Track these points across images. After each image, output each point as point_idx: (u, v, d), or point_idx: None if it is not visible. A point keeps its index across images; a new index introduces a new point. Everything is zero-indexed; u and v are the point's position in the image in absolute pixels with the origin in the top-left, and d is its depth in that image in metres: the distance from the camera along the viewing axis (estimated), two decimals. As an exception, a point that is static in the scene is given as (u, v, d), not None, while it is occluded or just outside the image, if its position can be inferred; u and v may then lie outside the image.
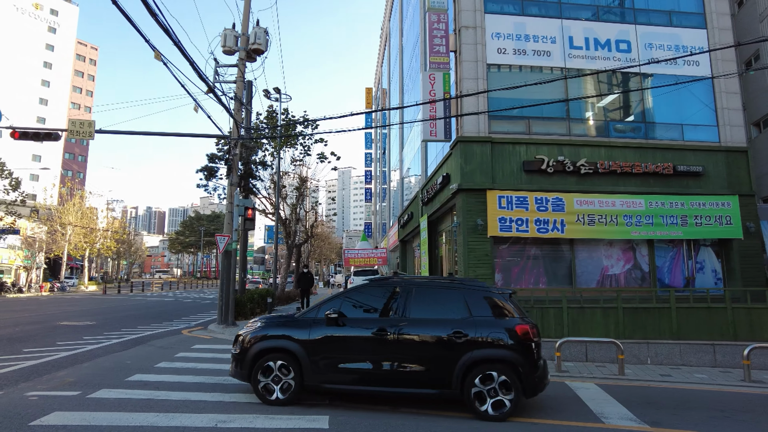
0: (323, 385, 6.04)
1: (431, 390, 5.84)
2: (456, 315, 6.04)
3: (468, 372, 5.75)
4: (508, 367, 5.74)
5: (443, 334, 5.88)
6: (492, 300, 6.15)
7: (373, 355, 5.97)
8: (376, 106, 45.26)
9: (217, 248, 15.37)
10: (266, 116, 24.58)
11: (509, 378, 5.69)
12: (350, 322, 6.17)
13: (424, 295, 6.29)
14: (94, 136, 12.95)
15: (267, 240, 38.41)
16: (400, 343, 5.94)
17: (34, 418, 5.22)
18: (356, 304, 6.39)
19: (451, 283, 6.51)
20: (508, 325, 5.91)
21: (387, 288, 6.49)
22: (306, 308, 17.33)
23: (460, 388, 5.73)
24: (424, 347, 5.91)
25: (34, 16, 62.63)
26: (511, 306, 6.15)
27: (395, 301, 6.25)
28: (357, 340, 6.08)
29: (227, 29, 14.99)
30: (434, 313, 6.12)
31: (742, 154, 14.47)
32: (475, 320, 5.95)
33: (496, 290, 6.41)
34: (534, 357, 5.83)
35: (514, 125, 14.24)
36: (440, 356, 5.85)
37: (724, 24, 15.28)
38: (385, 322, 6.08)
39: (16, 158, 50.10)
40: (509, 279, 13.60)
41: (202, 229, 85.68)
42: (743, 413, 6.62)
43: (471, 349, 5.79)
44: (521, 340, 5.81)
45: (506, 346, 5.80)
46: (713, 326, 11.31)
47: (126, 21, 7.74)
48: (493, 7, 14.66)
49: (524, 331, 5.85)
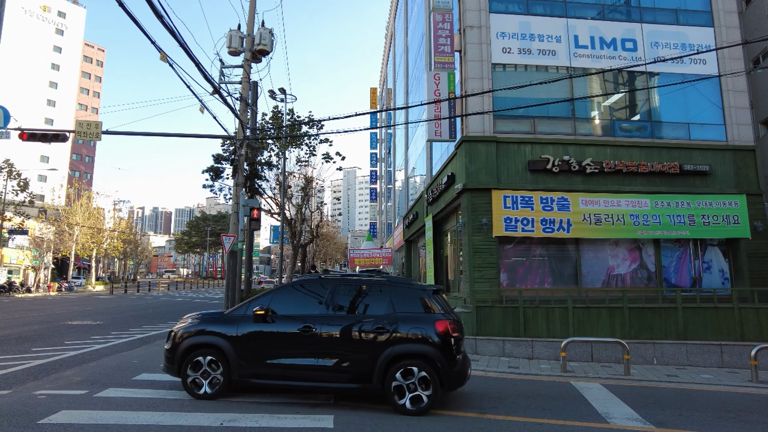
0: (251, 380, 6.19)
1: (354, 384, 5.99)
2: (380, 311, 6.20)
3: (389, 367, 5.91)
4: (427, 362, 5.88)
5: (366, 329, 6.07)
6: (415, 296, 6.32)
7: (298, 351, 6.13)
8: (381, 106, 45.27)
9: (222, 248, 15.45)
10: (271, 117, 24.66)
11: (428, 373, 5.83)
12: (278, 319, 6.33)
13: (348, 291, 6.47)
14: (101, 137, 13.04)
15: (273, 240, 38.52)
16: (324, 338, 6.10)
17: (43, 416, 5.28)
18: (284, 301, 6.53)
19: (375, 280, 6.65)
20: (428, 321, 6.06)
21: (315, 285, 6.66)
22: None
23: (381, 382, 5.88)
24: (348, 343, 6.08)
25: (41, 18, 63.13)
26: (434, 302, 6.30)
27: (322, 298, 6.42)
28: (283, 336, 6.24)
29: (232, 30, 15.06)
30: (359, 309, 6.30)
31: (749, 153, 14.35)
32: (398, 316, 6.12)
33: (420, 287, 6.56)
34: (453, 352, 5.95)
35: (519, 125, 14.21)
36: (363, 351, 6.02)
37: (732, 22, 15.15)
38: (311, 318, 6.23)
39: (24, 159, 50.56)
40: (514, 279, 13.57)
41: (208, 229, 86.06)
42: (750, 414, 6.57)
43: (392, 344, 5.95)
44: (441, 336, 5.96)
45: (426, 342, 5.96)
46: (720, 326, 11.23)
47: (132, 23, 7.80)
48: (498, 7, 14.62)
49: (444, 327, 6.00)
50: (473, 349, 11.27)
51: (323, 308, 6.31)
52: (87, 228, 49.71)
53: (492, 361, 10.26)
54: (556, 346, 10.64)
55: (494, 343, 11.24)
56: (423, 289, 6.44)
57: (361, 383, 5.94)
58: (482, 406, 6.44)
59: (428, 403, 5.82)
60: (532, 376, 8.90)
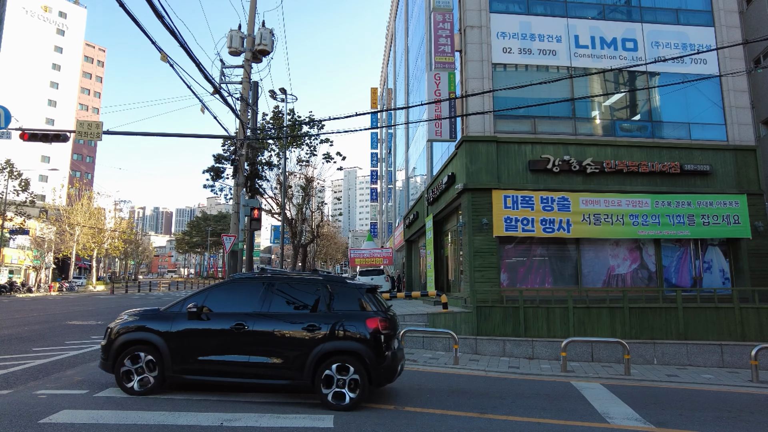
0: (184, 376, 6.23)
1: (286, 381, 6.08)
2: (313, 309, 6.33)
3: (319, 363, 5.99)
4: (356, 358, 5.98)
5: (298, 327, 6.15)
6: (349, 295, 6.43)
7: (230, 348, 6.19)
8: (382, 105, 45.28)
9: (223, 248, 15.47)
10: (272, 117, 24.70)
11: (357, 369, 5.93)
12: (212, 316, 6.39)
13: (284, 289, 6.55)
14: (101, 137, 13.06)
15: (273, 240, 38.58)
16: (257, 335, 6.17)
17: (44, 416, 5.29)
18: (220, 298, 6.59)
19: (311, 278, 6.74)
20: (359, 318, 6.17)
21: (250, 283, 6.71)
22: None
23: (312, 378, 5.97)
24: (280, 340, 6.17)
25: (42, 19, 63.21)
26: (367, 300, 6.40)
27: (257, 295, 6.48)
28: (216, 333, 6.29)
29: (233, 30, 15.07)
30: (292, 307, 6.39)
31: (750, 153, 14.34)
32: (330, 314, 6.23)
33: (354, 285, 6.64)
34: (382, 349, 6.05)
35: (520, 125, 14.21)
36: (294, 348, 6.11)
37: (732, 21, 15.15)
38: (244, 316, 6.29)
39: (25, 159, 50.62)
40: (515, 279, 13.57)
41: (209, 229, 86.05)
42: (750, 414, 6.57)
43: (323, 341, 6.03)
44: (371, 333, 6.05)
45: (356, 338, 6.05)
46: (721, 326, 11.22)
47: (133, 23, 7.81)
48: (498, 7, 14.62)
49: (374, 324, 6.10)
50: (473, 349, 11.27)
51: (257, 306, 6.38)
52: (88, 228, 49.76)
53: (492, 361, 10.26)
54: (556, 346, 10.64)
55: (495, 342, 11.24)
56: (357, 288, 6.57)
57: (292, 380, 6.05)
58: (483, 406, 6.45)
59: (357, 398, 5.94)
60: (533, 375, 8.90)
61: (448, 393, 7.19)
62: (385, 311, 6.47)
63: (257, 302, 6.40)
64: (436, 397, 6.91)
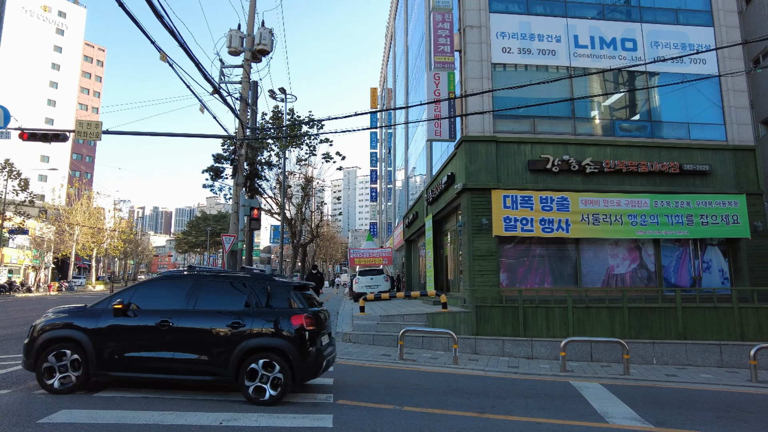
0: (109, 373, 6.28)
1: (211, 377, 6.16)
2: (238, 306, 6.41)
3: (243, 360, 6.09)
4: (279, 354, 6.09)
5: (222, 324, 6.23)
6: (275, 292, 6.52)
7: (156, 344, 6.26)
8: (382, 105, 45.28)
9: (223, 248, 15.47)
10: (272, 116, 24.70)
11: (280, 365, 6.04)
12: (138, 313, 6.44)
13: (211, 287, 6.62)
14: (101, 137, 13.05)
15: (273, 240, 38.51)
16: (182, 332, 6.25)
17: (42, 416, 5.29)
18: (147, 295, 6.64)
19: (238, 276, 6.81)
20: (284, 315, 6.29)
21: (177, 280, 6.77)
22: None
23: (236, 374, 6.05)
24: (204, 337, 6.23)
25: (42, 18, 63.17)
26: (294, 298, 6.51)
27: (184, 293, 6.53)
28: (141, 329, 6.35)
29: (232, 30, 15.06)
30: (219, 305, 6.44)
31: (749, 153, 14.35)
32: (255, 311, 6.34)
33: (281, 283, 6.72)
34: (306, 345, 6.17)
35: (519, 124, 14.21)
36: (218, 345, 6.18)
37: (732, 22, 15.15)
38: (169, 313, 6.35)
39: (24, 159, 50.60)
40: (515, 279, 13.57)
41: (209, 229, 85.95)
42: (749, 414, 6.58)
43: (247, 338, 6.13)
44: (295, 329, 6.18)
45: (280, 335, 6.16)
46: (720, 326, 11.23)
47: (132, 23, 7.81)
48: (498, 7, 14.62)
49: (299, 321, 6.23)
50: (473, 349, 11.28)
51: (183, 303, 6.43)
52: (87, 228, 49.75)
53: (492, 361, 10.27)
54: (555, 345, 10.65)
55: (494, 342, 11.25)
56: (283, 285, 6.66)
57: (217, 376, 6.14)
58: (482, 406, 6.45)
59: (279, 393, 6.04)
60: (532, 375, 8.91)
61: (447, 393, 7.20)
62: (312, 308, 6.58)
63: (183, 299, 6.46)
64: (436, 396, 6.92)
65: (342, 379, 7.80)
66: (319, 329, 6.47)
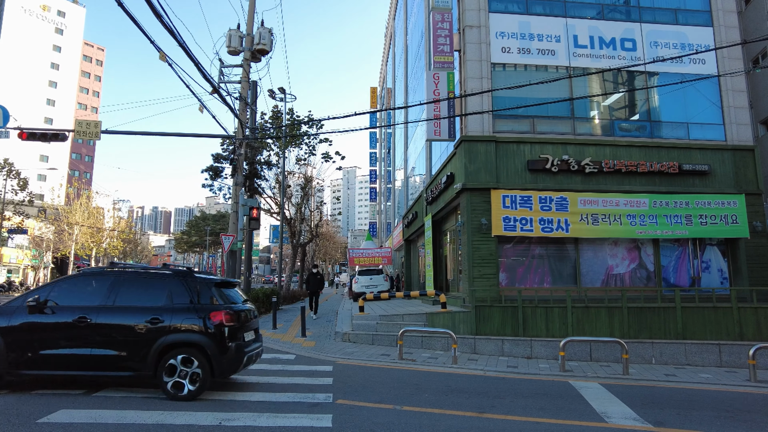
0: (23, 372, 6.24)
1: (129, 372, 6.20)
2: (158, 302, 6.43)
3: (162, 355, 6.16)
4: (198, 350, 6.18)
5: (141, 320, 6.26)
6: (195, 287, 6.54)
7: (73, 341, 6.25)
8: (381, 105, 45.27)
9: (222, 248, 15.47)
10: (271, 116, 24.68)
11: (199, 360, 6.12)
12: (56, 309, 6.42)
13: (131, 283, 6.63)
14: (100, 137, 13.04)
15: (272, 239, 38.54)
16: (100, 328, 6.25)
17: (41, 416, 5.28)
18: (65, 292, 6.62)
19: (158, 272, 6.82)
20: (203, 312, 6.34)
21: (98, 277, 6.77)
22: (315, 311, 17.20)
23: (154, 370, 6.11)
24: (123, 333, 6.26)
25: (41, 18, 63.08)
26: (215, 294, 6.56)
27: (104, 289, 6.53)
28: (58, 326, 6.33)
29: (232, 30, 15.07)
30: (139, 301, 6.45)
31: (749, 153, 14.36)
32: (175, 307, 6.37)
33: (202, 279, 6.72)
34: (225, 341, 6.25)
35: (519, 124, 14.21)
36: (137, 341, 6.21)
37: (731, 22, 15.16)
38: (88, 309, 6.35)
39: (23, 158, 50.53)
40: (514, 278, 13.58)
41: (208, 229, 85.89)
42: (748, 413, 6.59)
43: (166, 334, 6.20)
44: (214, 326, 6.25)
45: (199, 331, 6.24)
46: (719, 326, 11.23)
47: (132, 22, 7.81)
48: (497, 6, 14.62)
49: (218, 318, 6.30)
50: (472, 349, 11.28)
51: (103, 299, 6.43)
52: (86, 227, 49.66)
53: (491, 361, 10.27)
54: (555, 345, 10.66)
55: (493, 342, 11.25)
56: (205, 282, 6.68)
57: (135, 371, 6.17)
58: (481, 405, 6.45)
59: (198, 388, 6.11)
60: (531, 375, 8.91)
61: (446, 392, 7.20)
62: (234, 305, 6.63)
63: (103, 295, 6.44)
64: (435, 396, 6.92)
65: (341, 379, 7.80)
66: (240, 325, 6.56)
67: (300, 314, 13.07)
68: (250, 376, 7.82)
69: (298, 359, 9.63)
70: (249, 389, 6.85)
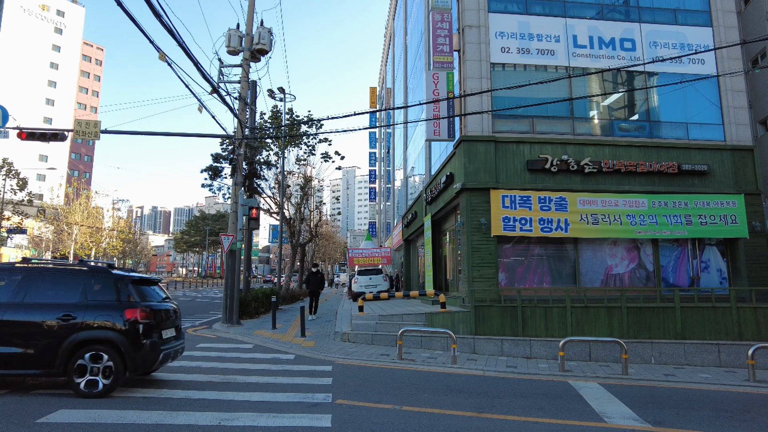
0: None
1: (38, 370, 6.12)
2: (72, 299, 6.36)
3: (73, 353, 6.11)
4: (111, 347, 6.16)
5: (52, 317, 6.20)
6: (111, 285, 6.51)
7: None
8: (381, 105, 45.26)
9: (222, 247, 15.46)
10: (270, 116, 24.67)
11: (112, 358, 6.10)
12: None
13: (44, 279, 6.54)
14: (99, 137, 13.04)
15: (272, 239, 38.51)
16: (7, 325, 6.15)
17: (40, 416, 5.28)
18: None
19: (74, 268, 6.74)
20: (118, 309, 6.33)
21: (7, 273, 6.67)
22: (314, 311, 17.12)
23: (65, 368, 6.07)
24: (33, 329, 6.18)
25: (40, 17, 63.06)
26: (131, 290, 6.54)
27: (13, 285, 6.43)
28: None
29: (231, 29, 15.06)
30: (51, 297, 6.36)
31: (748, 153, 14.37)
32: (89, 304, 6.34)
33: (118, 276, 6.67)
34: (139, 338, 6.25)
35: (518, 124, 14.21)
36: (48, 338, 6.14)
37: (730, 22, 15.17)
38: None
39: (23, 158, 50.51)
40: (513, 278, 13.58)
41: (207, 229, 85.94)
42: (747, 413, 6.59)
43: (77, 331, 6.18)
44: (129, 323, 6.26)
45: (112, 328, 6.25)
46: (718, 326, 11.25)
47: (131, 22, 7.80)
48: (497, 6, 14.62)
49: (132, 315, 6.29)
50: (471, 349, 11.28)
51: (12, 296, 6.33)
52: (86, 227, 49.64)
53: (490, 361, 10.28)
54: (554, 345, 10.66)
55: (492, 342, 11.26)
56: (121, 278, 6.64)
57: (45, 368, 6.11)
58: (480, 405, 6.46)
59: (109, 386, 6.10)
60: (531, 375, 8.91)
61: (446, 392, 7.21)
62: (150, 302, 6.61)
63: (11, 292, 6.35)
64: (435, 396, 6.92)
65: (341, 379, 7.80)
66: (157, 323, 6.55)
67: (300, 314, 13.07)
68: (250, 376, 7.82)
69: (298, 359, 9.63)
70: (249, 389, 6.84)
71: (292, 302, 25.09)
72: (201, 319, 17.27)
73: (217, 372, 8.02)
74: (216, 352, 10.18)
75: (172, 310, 7.23)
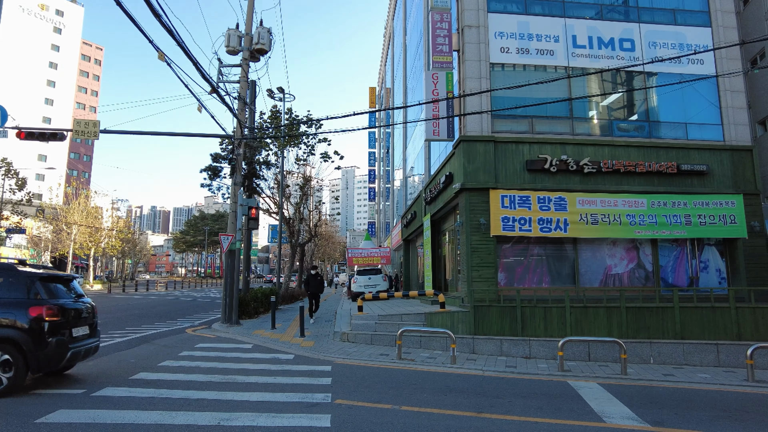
0: None
1: None
2: None
3: None
4: (12, 345, 6.09)
5: None
6: (16, 282, 6.45)
7: None
8: (380, 105, 45.26)
9: (221, 247, 15.45)
10: (270, 116, 24.65)
11: (11, 356, 6.04)
12: None
13: None
14: (99, 136, 13.03)
15: (271, 239, 38.49)
16: None
17: (39, 415, 5.28)
18: None
19: None
20: (21, 306, 6.27)
21: None
22: (314, 313, 16.99)
23: None
24: None
25: (39, 17, 62.97)
26: (40, 288, 6.49)
27: None
28: None
29: (231, 29, 15.05)
30: None
31: (747, 153, 14.39)
32: None
33: (25, 273, 6.62)
34: (44, 336, 6.20)
35: (518, 124, 14.22)
36: None
37: (729, 22, 15.18)
38: None
39: (22, 158, 50.47)
40: (513, 278, 13.59)
41: (207, 229, 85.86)
42: (746, 413, 6.60)
43: None
44: (32, 320, 6.19)
45: (12, 326, 6.16)
46: (717, 326, 11.26)
47: (130, 22, 7.79)
48: (496, 6, 14.62)
49: (37, 313, 6.25)
50: (471, 349, 11.29)
51: None
52: (85, 227, 49.57)
53: (490, 361, 10.28)
54: (553, 345, 10.67)
55: (492, 342, 11.26)
56: (27, 275, 6.59)
57: None
58: (480, 405, 6.46)
59: (9, 384, 6.03)
60: (530, 375, 8.92)
61: (445, 392, 7.21)
62: (58, 300, 6.55)
63: None
64: (434, 396, 6.92)
65: (340, 379, 7.80)
66: (65, 321, 6.51)
67: (299, 314, 13.07)
68: (249, 376, 7.82)
69: (297, 359, 9.63)
70: (248, 389, 6.84)
71: (291, 302, 25.09)
72: (200, 319, 17.26)
73: (217, 372, 8.02)
74: (215, 352, 10.18)
75: (85, 308, 7.19)
